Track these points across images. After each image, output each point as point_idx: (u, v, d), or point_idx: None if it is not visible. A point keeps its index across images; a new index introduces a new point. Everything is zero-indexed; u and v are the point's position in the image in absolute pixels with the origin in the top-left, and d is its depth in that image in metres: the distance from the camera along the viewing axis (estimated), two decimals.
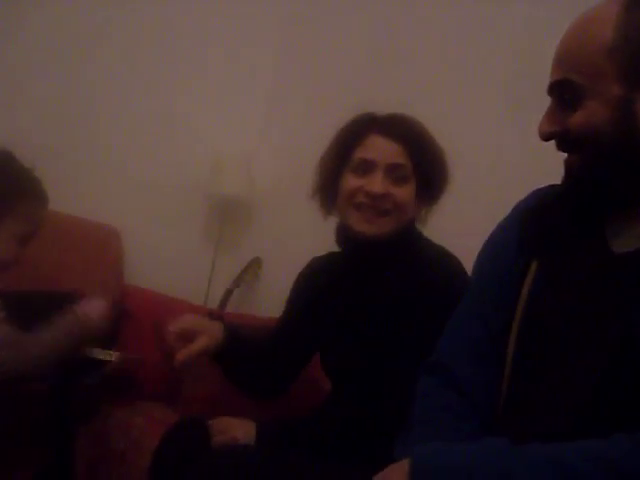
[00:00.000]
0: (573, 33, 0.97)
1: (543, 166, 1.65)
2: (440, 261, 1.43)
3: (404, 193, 1.42)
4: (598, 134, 0.93)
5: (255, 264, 2.86)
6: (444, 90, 2.27)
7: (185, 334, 1.47)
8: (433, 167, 1.45)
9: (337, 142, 1.51)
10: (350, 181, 1.46)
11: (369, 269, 1.48)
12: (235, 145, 2.93)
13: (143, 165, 2.81)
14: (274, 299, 2.02)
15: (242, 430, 1.35)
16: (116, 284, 2.57)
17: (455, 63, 2.28)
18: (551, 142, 1.00)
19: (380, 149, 1.44)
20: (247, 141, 2.98)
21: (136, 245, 2.73)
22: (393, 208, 1.43)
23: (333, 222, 1.57)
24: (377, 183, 1.42)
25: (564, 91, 0.96)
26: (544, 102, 1.02)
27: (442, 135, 1.52)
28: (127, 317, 2.25)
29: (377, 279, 1.46)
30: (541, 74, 1.12)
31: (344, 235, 1.50)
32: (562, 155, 1.01)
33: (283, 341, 1.61)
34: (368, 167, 1.44)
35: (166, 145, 2.86)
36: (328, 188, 1.51)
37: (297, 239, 2.63)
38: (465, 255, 1.44)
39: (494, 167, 2.08)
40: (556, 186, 1.05)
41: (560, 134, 0.97)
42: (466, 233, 1.54)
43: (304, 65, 2.95)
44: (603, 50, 0.92)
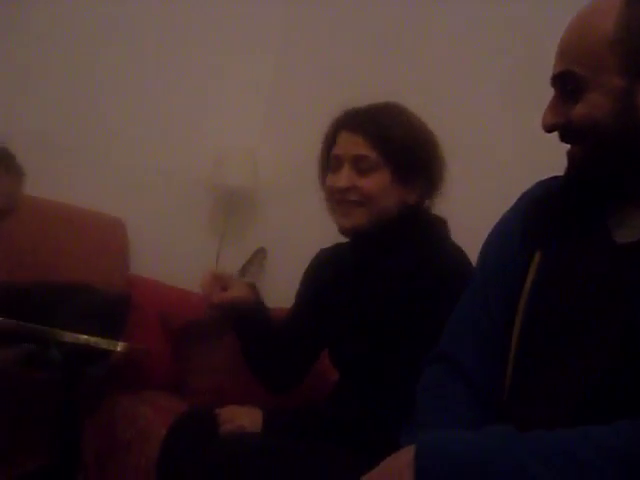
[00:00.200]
0: (576, 25, 0.97)
1: (539, 158, 1.66)
2: (443, 253, 1.42)
3: (371, 183, 1.43)
4: (599, 126, 0.93)
5: (260, 254, 2.87)
6: (444, 87, 2.28)
7: (220, 281, 1.52)
8: (405, 154, 1.44)
9: (321, 144, 1.54)
10: (327, 180, 1.49)
11: (369, 260, 1.49)
12: (239, 137, 2.94)
13: (148, 157, 2.82)
14: (279, 289, 2.02)
15: (249, 418, 1.36)
16: (121, 275, 2.59)
17: (456, 60, 2.29)
18: (546, 135, 1.01)
19: (345, 143, 1.46)
20: (250, 133, 2.99)
21: (141, 236, 2.75)
22: (362, 199, 1.43)
23: None
24: (342, 177, 1.44)
25: (566, 83, 0.96)
26: (541, 94, 1.02)
27: (443, 131, 1.52)
28: (132, 307, 2.27)
29: (378, 269, 1.47)
30: (538, 66, 1.13)
31: None
32: (560, 146, 1.01)
33: (293, 335, 1.61)
34: (338, 163, 1.46)
35: (171, 138, 2.87)
36: (321, 188, 1.54)
37: (301, 229, 2.64)
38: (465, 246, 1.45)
39: (491, 159, 2.09)
40: (560, 177, 1.06)
41: (563, 126, 0.98)
42: (466, 224, 1.54)
43: (305, 59, 2.96)
44: (605, 42, 0.92)
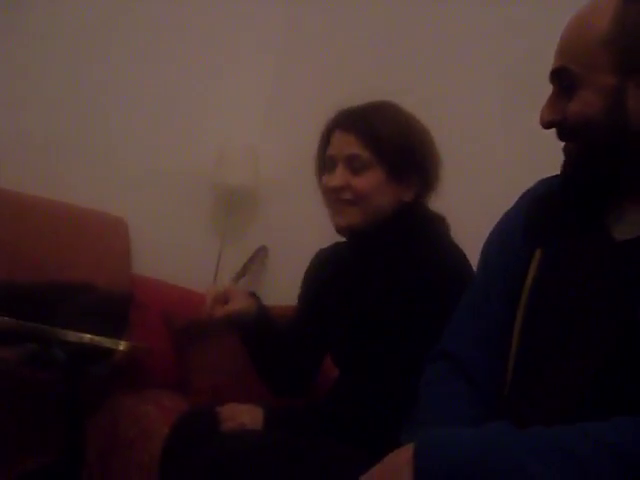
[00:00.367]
0: (574, 23, 0.98)
1: (537, 156, 1.67)
2: (441, 250, 1.43)
3: (364, 182, 1.43)
4: (591, 123, 0.94)
5: (261, 253, 2.87)
6: (443, 87, 2.29)
7: (221, 297, 1.52)
8: (398, 152, 1.44)
9: (317, 145, 1.55)
10: (323, 179, 1.50)
11: (367, 258, 1.49)
12: (240, 136, 2.94)
13: (150, 156, 2.83)
14: (281, 287, 2.03)
15: (249, 416, 1.36)
16: (124, 274, 2.60)
17: (455, 60, 2.29)
18: (543, 134, 1.01)
19: (338, 143, 1.47)
20: (252, 132, 2.99)
21: (143, 235, 2.75)
22: (356, 198, 1.44)
23: None
24: (336, 176, 1.45)
25: (562, 79, 0.97)
26: (539, 93, 1.03)
27: (443, 130, 1.53)
28: (135, 307, 2.27)
29: (376, 267, 1.47)
30: (537, 66, 1.13)
31: None
32: (558, 145, 1.02)
33: (299, 338, 1.61)
34: (332, 163, 1.47)
35: (172, 137, 2.87)
36: (319, 188, 1.55)
37: (303, 227, 2.64)
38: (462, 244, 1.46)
39: (488, 158, 2.10)
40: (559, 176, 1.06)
41: (559, 123, 0.98)
42: (463, 222, 1.54)
43: (306, 58, 2.96)
44: (599, 41, 0.93)
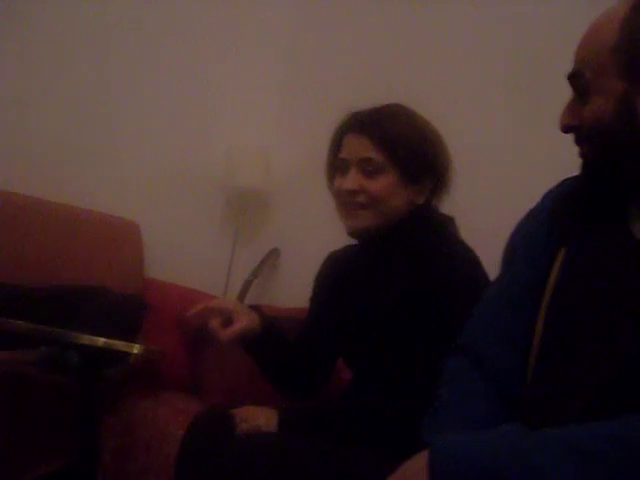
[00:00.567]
0: (589, 29, 1.00)
1: (542, 157, 1.67)
2: (453, 252, 1.43)
3: (378, 185, 1.43)
4: (604, 128, 0.96)
5: (273, 255, 2.88)
6: (449, 84, 2.30)
7: (224, 320, 1.50)
8: (412, 154, 1.44)
9: (328, 147, 1.55)
10: (335, 182, 1.50)
11: (380, 260, 1.50)
12: (251, 138, 2.96)
13: (161, 159, 2.84)
14: (293, 289, 2.04)
15: (264, 418, 1.37)
16: (137, 277, 2.61)
17: (466, 60, 2.30)
18: (549, 135, 1.03)
19: (351, 146, 1.47)
20: (263, 134, 3.00)
21: (155, 238, 2.77)
22: (368, 201, 1.44)
23: None
24: (349, 180, 1.45)
25: (577, 83, 1.00)
26: (543, 94, 1.04)
27: (451, 132, 1.53)
28: (149, 310, 2.29)
29: (389, 270, 1.48)
30: (541, 67, 1.14)
31: None
32: (563, 146, 1.03)
33: (311, 341, 1.61)
34: (345, 166, 1.47)
35: (183, 140, 2.88)
36: (329, 191, 1.55)
37: (314, 229, 2.64)
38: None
39: (493, 159, 2.10)
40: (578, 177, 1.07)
41: (576, 127, 1.00)
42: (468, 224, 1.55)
43: (318, 59, 2.97)
44: (608, 48, 0.96)
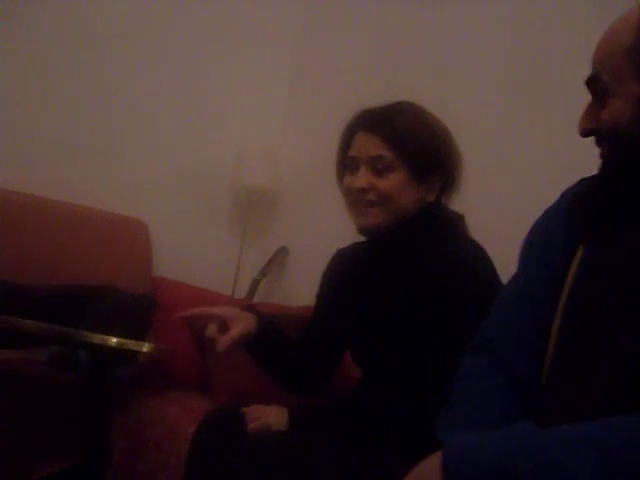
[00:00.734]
0: (606, 33, 1.01)
1: (547, 157, 1.67)
2: (463, 249, 1.43)
3: (388, 183, 1.44)
4: (622, 130, 0.97)
5: (281, 254, 2.88)
6: (453, 83, 2.30)
7: (219, 323, 1.50)
8: (422, 152, 1.45)
9: (338, 145, 1.56)
10: (345, 180, 1.51)
11: (389, 258, 1.50)
12: (259, 137, 2.96)
13: (169, 159, 2.85)
14: (301, 288, 2.04)
15: (274, 416, 1.37)
16: (145, 276, 2.62)
17: (472, 59, 2.30)
18: (553, 135, 1.03)
19: (361, 144, 1.47)
20: (270, 133, 3.01)
21: (163, 238, 2.78)
22: (379, 199, 1.44)
23: None
24: (359, 178, 1.45)
25: (595, 87, 1.00)
26: (546, 95, 1.04)
27: (459, 130, 1.53)
28: (157, 309, 2.29)
29: (399, 267, 1.48)
30: (544, 67, 1.14)
31: None
32: (569, 147, 1.03)
33: (317, 337, 1.62)
34: (355, 164, 1.48)
35: (191, 139, 2.89)
36: (339, 188, 1.55)
37: (322, 228, 2.65)
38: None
39: (499, 158, 2.10)
40: (597, 176, 1.07)
41: (595, 131, 1.01)
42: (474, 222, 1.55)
43: (325, 57, 2.98)
44: (624, 50, 0.96)
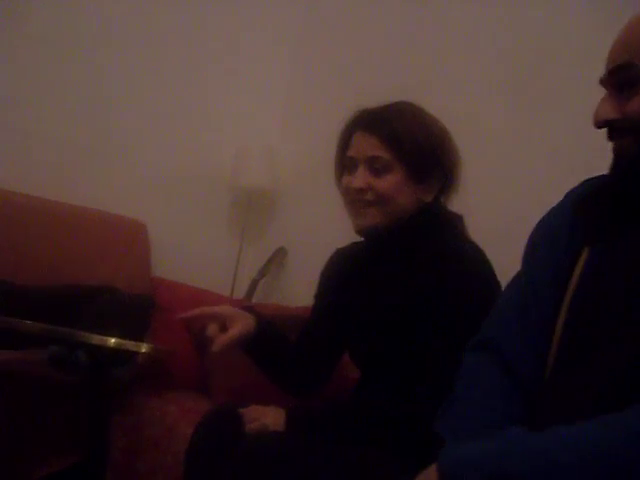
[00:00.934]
0: (633, 21, 0.97)
1: (547, 157, 1.68)
2: (461, 250, 1.43)
3: (385, 183, 1.44)
4: None
5: (280, 254, 2.89)
6: (451, 84, 2.30)
7: (219, 323, 1.50)
8: (420, 153, 1.45)
9: (336, 145, 1.56)
10: (343, 180, 1.51)
11: (387, 258, 1.50)
12: (257, 138, 2.96)
13: (167, 160, 2.85)
14: (300, 288, 2.05)
15: (272, 417, 1.37)
16: (144, 277, 2.62)
17: (471, 59, 2.30)
18: (552, 135, 1.01)
19: (359, 145, 1.47)
20: (269, 133, 3.01)
21: (162, 238, 2.78)
22: (376, 199, 1.45)
23: None
24: (357, 178, 1.45)
25: (627, 75, 0.96)
26: (547, 96, 1.03)
27: (458, 132, 1.53)
28: (156, 309, 2.30)
29: (396, 267, 1.48)
30: (545, 68, 1.13)
31: None
32: (569, 147, 1.01)
33: (315, 337, 1.62)
34: (353, 164, 1.48)
35: (190, 139, 2.90)
36: (337, 188, 1.56)
37: (321, 228, 2.65)
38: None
39: (498, 159, 2.10)
40: (606, 175, 1.05)
41: (616, 121, 0.98)
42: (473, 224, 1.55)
43: (324, 58, 2.98)
44: None
